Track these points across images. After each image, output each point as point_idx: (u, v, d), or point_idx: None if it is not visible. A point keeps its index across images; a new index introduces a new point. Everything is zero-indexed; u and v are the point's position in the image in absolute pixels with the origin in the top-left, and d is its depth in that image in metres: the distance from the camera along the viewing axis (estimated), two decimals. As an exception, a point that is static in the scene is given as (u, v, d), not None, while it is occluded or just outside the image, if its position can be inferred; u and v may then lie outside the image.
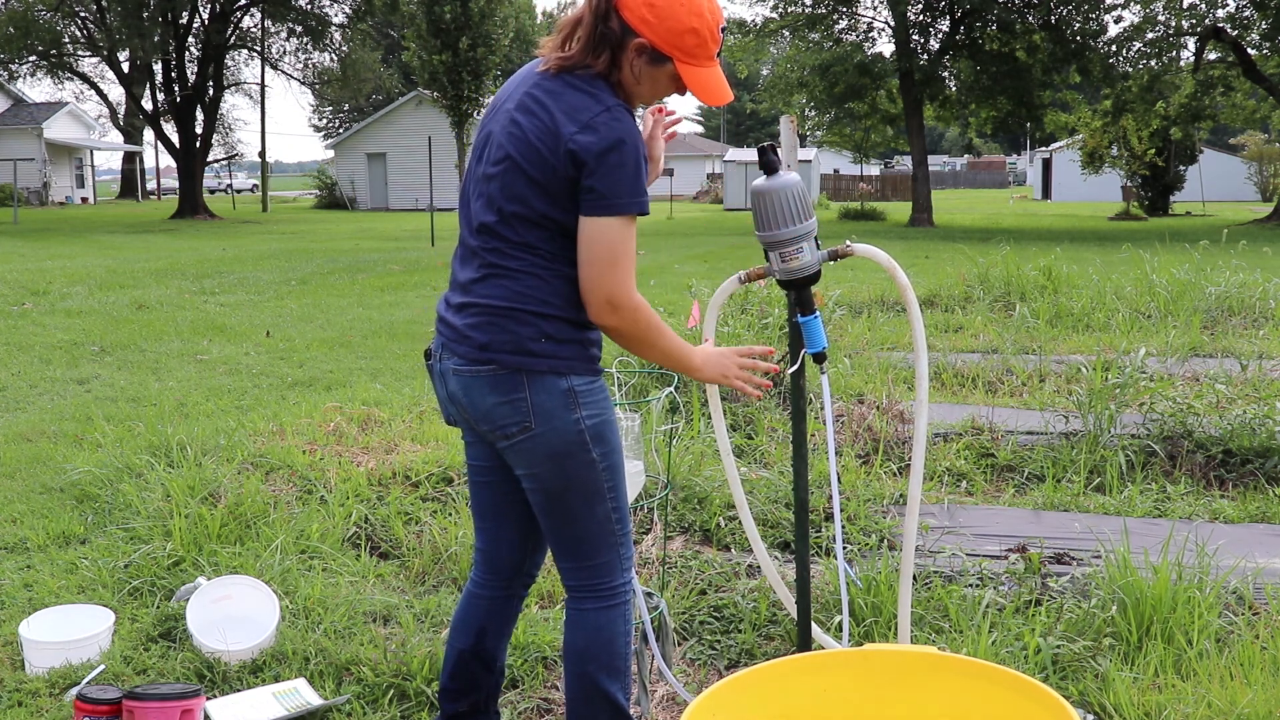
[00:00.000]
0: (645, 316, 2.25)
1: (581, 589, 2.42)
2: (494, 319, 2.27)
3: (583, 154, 2.17)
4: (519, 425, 2.28)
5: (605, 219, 2.18)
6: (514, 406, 2.27)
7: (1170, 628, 3.14)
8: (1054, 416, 5.61)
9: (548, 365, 2.26)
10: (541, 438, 2.28)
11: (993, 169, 78.39)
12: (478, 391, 2.30)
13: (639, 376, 6.00)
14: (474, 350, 2.28)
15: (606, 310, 2.21)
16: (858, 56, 29.43)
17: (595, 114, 2.19)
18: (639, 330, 2.25)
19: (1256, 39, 27.17)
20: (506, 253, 2.27)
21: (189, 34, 34.92)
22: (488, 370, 2.27)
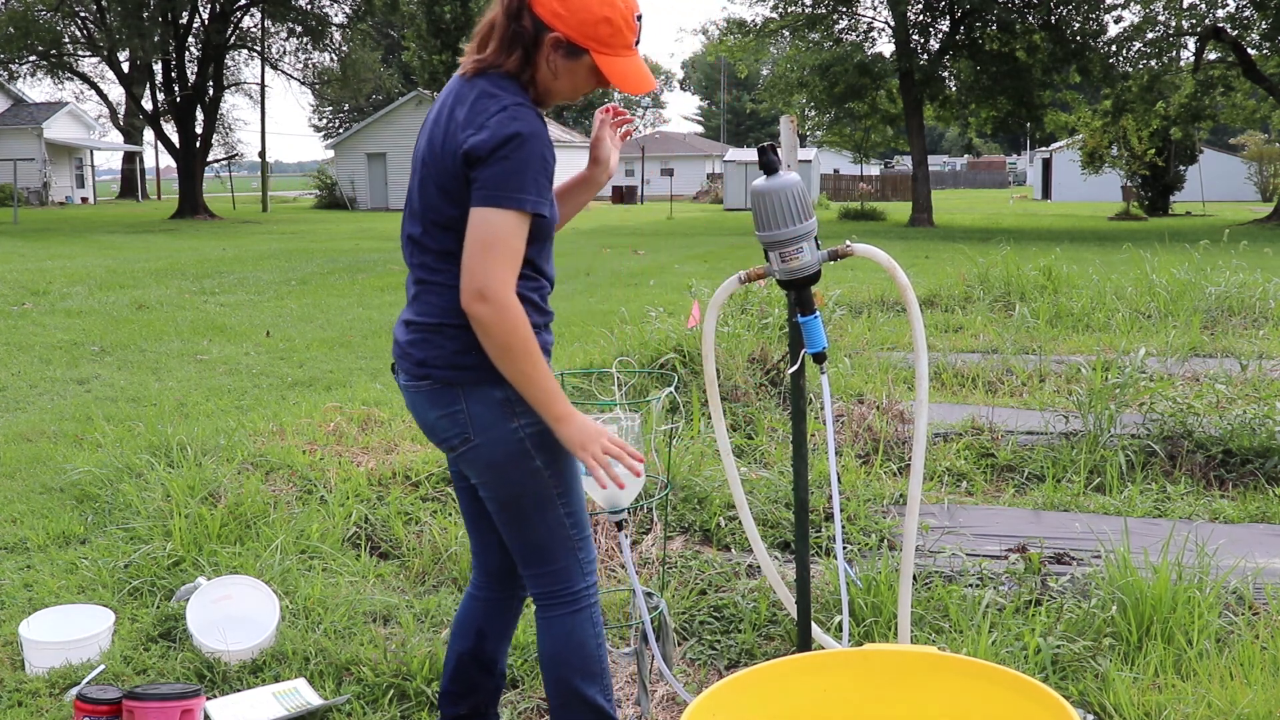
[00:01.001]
0: (514, 319, 2.16)
1: (546, 595, 2.43)
2: (427, 335, 2.29)
3: (474, 152, 2.16)
4: (460, 437, 2.30)
5: (485, 209, 2.15)
6: (453, 419, 2.29)
7: (1170, 628, 3.14)
8: (1054, 416, 5.61)
9: (480, 377, 2.25)
10: (482, 449, 2.29)
11: (993, 169, 78.40)
12: (421, 406, 2.34)
13: (639, 377, 6.00)
14: (413, 366, 2.31)
15: (475, 299, 2.15)
16: (858, 56, 29.43)
17: (491, 114, 2.18)
18: (504, 330, 2.16)
19: (1256, 39, 27.17)
20: (432, 266, 2.28)
21: (189, 34, 34.90)
22: (426, 385, 2.30)
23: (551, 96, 2.32)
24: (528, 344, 2.18)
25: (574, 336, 8.96)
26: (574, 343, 8.50)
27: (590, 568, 2.45)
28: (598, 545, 4.06)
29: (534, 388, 2.22)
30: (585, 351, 7.54)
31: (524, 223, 2.18)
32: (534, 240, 2.25)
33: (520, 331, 2.17)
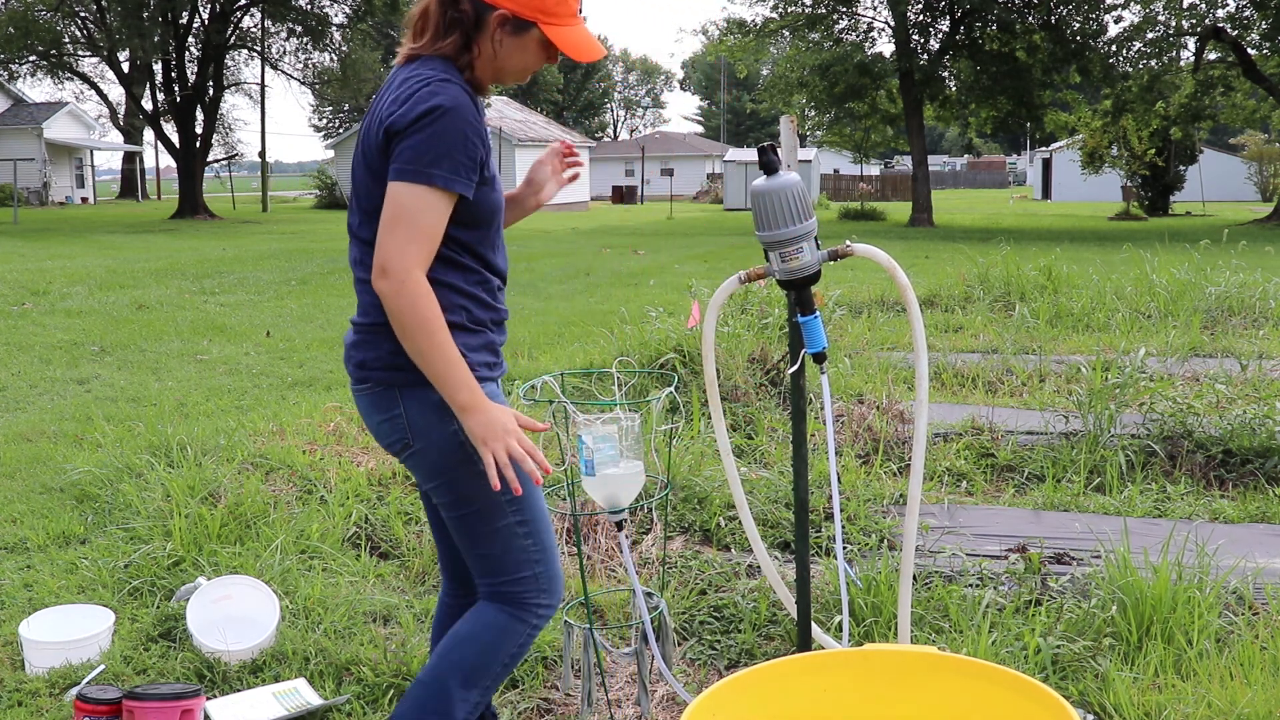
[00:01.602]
0: (413, 295, 2.05)
1: (497, 594, 2.30)
2: (367, 335, 2.22)
3: (393, 126, 2.09)
4: (401, 442, 2.23)
5: (396, 184, 2.07)
6: (393, 424, 2.22)
7: (1170, 628, 3.14)
8: (1054, 416, 5.61)
9: (415, 378, 2.15)
10: (423, 454, 2.22)
11: (993, 169, 78.40)
12: (365, 410, 2.27)
13: (639, 377, 6.00)
14: (355, 369, 2.25)
15: (378, 275, 2.07)
16: (858, 56, 29.44)
17: (414, 90, 2.10)
18: (400, 307, 2.05)
19: (1256, 39, 27.17)
20: (366, 261, 2.18)
21: (189, 34, 34.90)
22: (367, 388, 2.23)
23: (501, 77, 2.24)
24: (428, 323, 2.07)
25: (574, 336, 8.96)
26: (574, 343, 8.50)
27: (550, 585, 2.32)
28: (597, 545, 4.06)
29: (433, 370, 2.10)
30: (585, 351, 7.54)
31: (439, 200, 2.08)
32: (470, 225, 2.18)
33: (420, 309, 2.06)
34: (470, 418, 2.12)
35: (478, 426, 2.12)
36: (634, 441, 2.60)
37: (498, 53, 2.21)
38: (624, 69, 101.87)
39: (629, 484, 2.59)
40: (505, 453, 2.12)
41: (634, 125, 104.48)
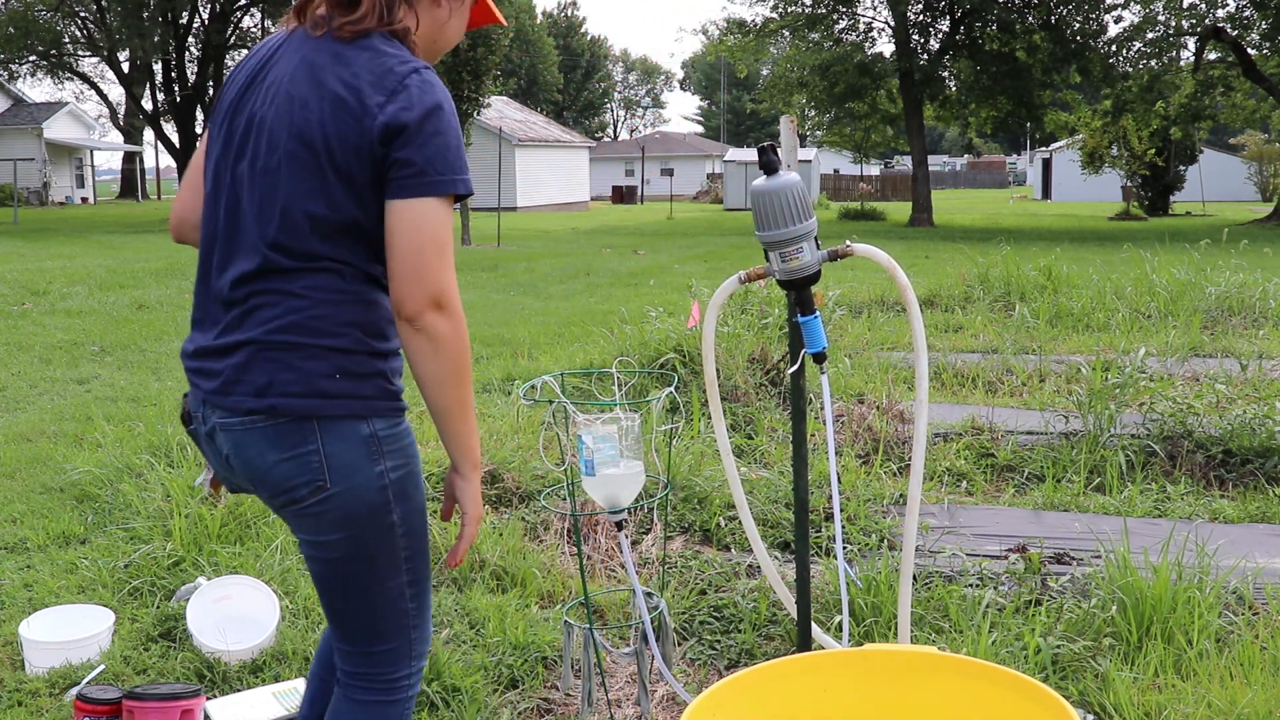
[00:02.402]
0: (466, 333, 1.84)
1: (360, 676, 2.01)
2: (275, 354, 1.83)
3: (396, 125, 1.78)
4: (310, 486, 1.84)
5: (428, 200, 1.79)
6: (301, 463, 1.83)
7: (1170, 628, 3.14)
8: (1054, 416, 5.61)
9: (346, 408, 1.84)
10: (338, 499, 1.85)
11: (993, 169, 78.41)
12: (254, 448, 1.85)
13: (639, 377, 6.00)
14: (249, 397, 1.83)
15: (431, 310, 1.78)
16: (858, 56, 29.46)
17: (403, 77, 1.82)
18: (461, 346, 1.82)
19: (1256, 39, 27.18)
20: (289, 270, 1.83)
21: (189, 34, 34.94)
22: (263, 420, 1.82)
23: (439, 48, 2.02)
24: (469, 365, 1.85)
25: (574, 336, 8.96)
26: (574, 343, 8.50)
27: (421, 649, 2.05)
28: (597, 545, 4.06)
29: (471, 422, 1.88)
30: (585, 351, 7.55)
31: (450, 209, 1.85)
32: None
33: (469, 348, 1.84)
34: (476, 476, 1.92)
35: (475, 491, 1.93)
36: (634, 441, 2.60)
37: (444, 24, 1.99)
38: (624, 69, 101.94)
39: (629, 484, 2.59)
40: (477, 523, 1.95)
41: (634, 125, 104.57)
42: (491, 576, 3.78)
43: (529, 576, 3.75)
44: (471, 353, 1.88)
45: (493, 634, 3.32)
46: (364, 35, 1.86)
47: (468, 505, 1.94)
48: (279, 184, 1.83)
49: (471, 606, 3.51)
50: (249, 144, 1.87)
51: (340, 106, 1.81)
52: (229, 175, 1.90)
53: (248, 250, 1.86)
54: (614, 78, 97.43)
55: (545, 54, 75.14)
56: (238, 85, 1.94)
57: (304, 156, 1.82)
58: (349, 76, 1.82)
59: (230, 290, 1.86)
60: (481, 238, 22.94)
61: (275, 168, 1.84)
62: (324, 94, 1.82)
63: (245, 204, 1.87)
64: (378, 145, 1.79)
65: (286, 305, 1.83)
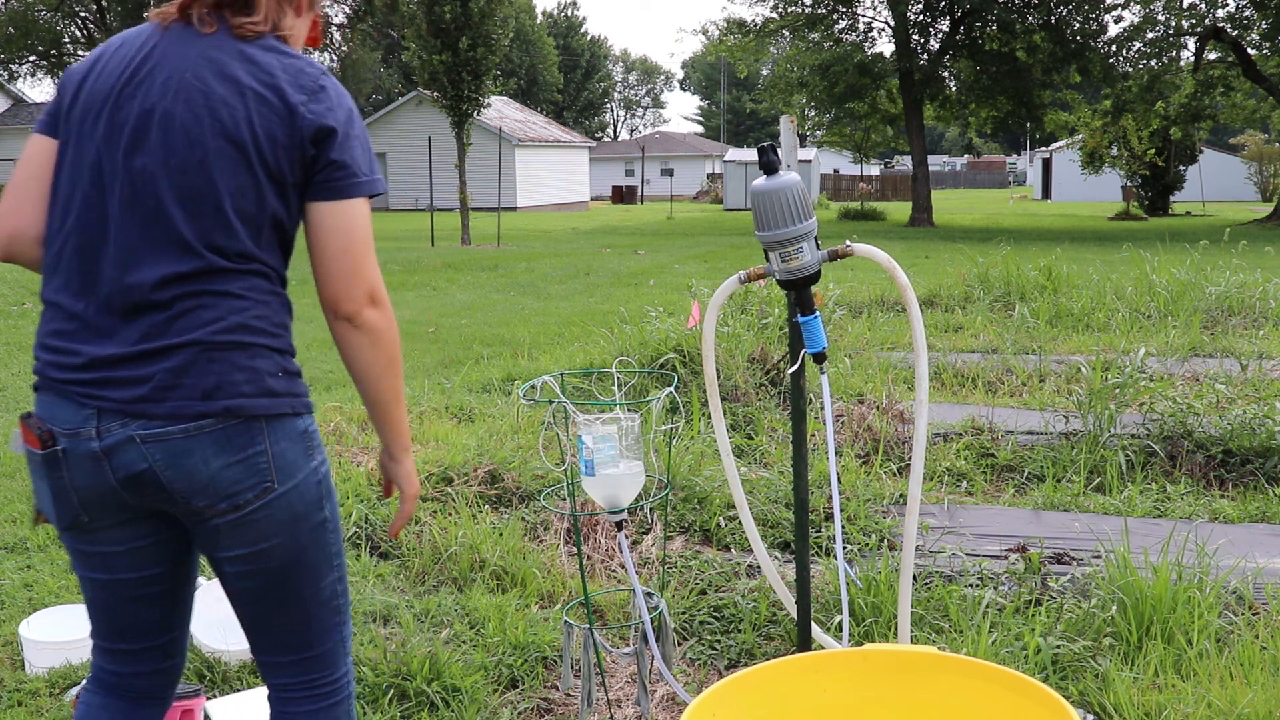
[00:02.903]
0: (395, 321, 1.89)
1: (301, 686, 1.98)
2: (221, 354, 1.79)
3: (326, 126, 1.82)
4: (257, 489, 1.81)
5: (357, 200, 1.84)
6: (249, 465, 1.79)
7: (1170, 628, 3.14)
8: (1054, 416, 5.61)
9: (289, 405, 1.84)
10: (284, 499, 1.83)
11: (993, 169, 78.40)
12: (197, 455, 1.77)
13: (639, 377, 6.00)
14: (194, 401, 1.76)
15: (367, 305, 1.83)
16: (858, 56, 29.47)
17: (317, 78, 1.85)
18: (394, 337, 1.87)
19: (1256, 39, 27.18)
20: (227, 271, 1.81)
21: (189, 34, 34.91)
22: (212, 424, 1.77)
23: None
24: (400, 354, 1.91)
25: (574, 336, 8.96)
26: (574, 343, 8.50)
27: (350, 644, 2.05)
28: (597, 545, 4.07)
29: (404, 408, 1.95)
30: (585, 351, 7.55)
31: None
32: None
33: (399, 339, 1.90)
34: (409, 457, 1.98)
35: (411, 470, 1.98)
36: (634, 441, 2.60)
37: (300, 30, 1.98)
38: (624, 69, 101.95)
39: (629, 484, 2.59)
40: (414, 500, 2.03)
41: (634, 125, 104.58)
42: (491, 576, 3.78)
43: (529, 576, 3.75)
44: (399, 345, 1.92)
45: (493, 634, 3.32)
46: (260, 36, 1.86)
47: (405, 484, 2.01)
48: (209, 182, 1.79)
49: (471, 606, 3.51)
50: (147, 138, 1.79)
51: (265, 105, 1.80)
52: (120, 171, 1.79)
53: (173, 250, 1.79)
54: (614, 78, 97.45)
55: (545, 54, 75.16)
56: (111, 79, 1.83)
57: (232, 154, 1.79)
58: (264, 75, 1.81)
59: (152, 292, 1.78)
60: (481, 238, 22.94)
61: (199, 165, 1.79)
62: (244, 91, 1.80)
63: (166, 202, 1.79)
64: (309, 145, 1.81)
65: (228, 306, 1.80)
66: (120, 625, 1.98)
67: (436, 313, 11.05)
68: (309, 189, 1.84)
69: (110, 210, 1.80)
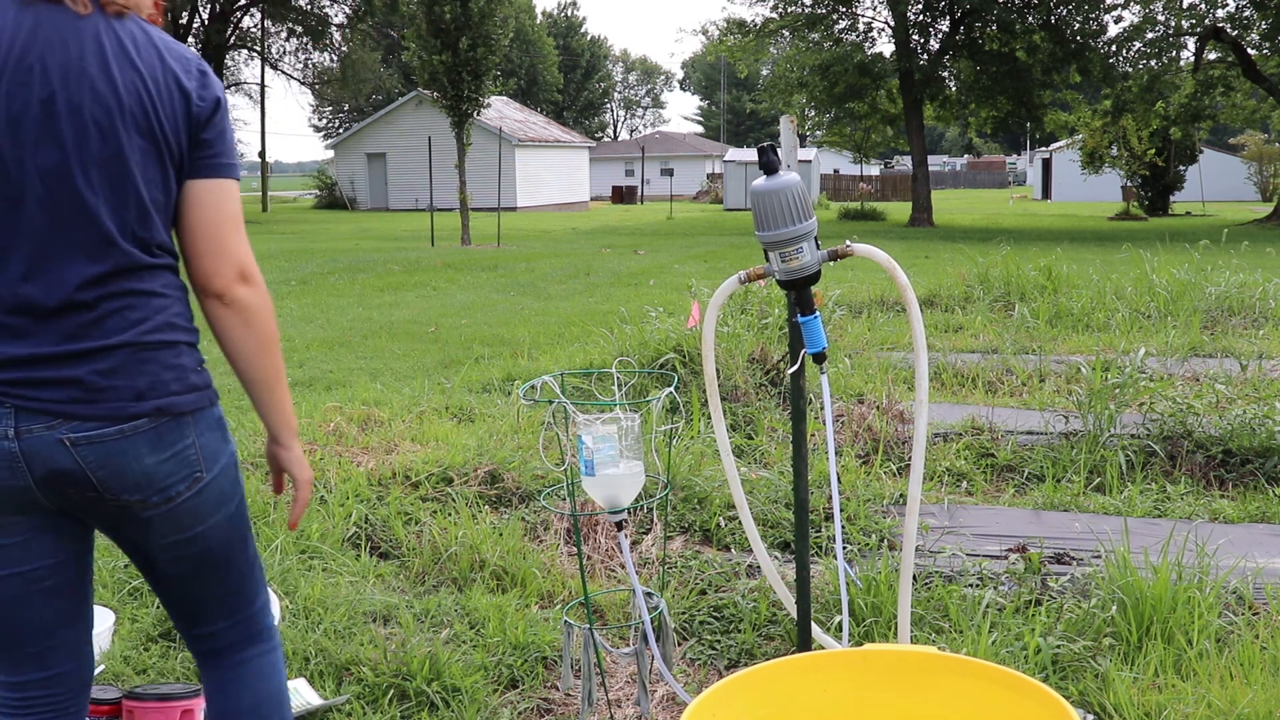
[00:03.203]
0: (269, 299, 1.91)
1: (246, 638, 2.07)
2: (150, 354, 1.81)
3: (209, 108, 1.85)
4: (189, 480, 1.85)
5: (230, 180, 1.87)
6: (181, 459, 1.84)
7: (1170, 628, 3.14)
8: (1054, 416, 5.61)
9: (207, 398, 1.89)
10: (213, 485, 1.89)
11: (993, 169, 78.41)
12: (131, 455, 1.79)
13: (639, 377, 6.00)
14: (129, 402, 1.78)
15: (239, 281, 1.84)
16: (858, 56, 29.48)
17: (197, 62, 1.88)
18: (268, 313, 1.88)
19: (1256, 39, 27.18)
20: (148, 267, 1.82)
21: (189, 34, 34.93)
22: (146, 424, 1.79)
23: None
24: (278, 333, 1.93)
25: (574, 336, 8.96)
26: (574, 343, 8.50)
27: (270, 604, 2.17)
28: (597, 545, 4.07)
29: (286, 388, 1.95)
30: (585, 351, 7.55)
31: None
32: None
33: (275, 317, 1.92)
34: (296, 443, 1.99)
35: (301, 456, 1.99)
36: (634, 441, 2.60)
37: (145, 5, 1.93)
38: (624, 69, 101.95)
39: (629, 484, 2.59)
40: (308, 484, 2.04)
41: (634, 125, 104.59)
42: (491, 576, 3.78)
43: (529, 576, 3.75)
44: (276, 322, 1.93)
45: (493, 634, 3.32)
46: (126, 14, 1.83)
47: (297, 471, 2.00)
48: (126, 173, 1.78)
49: (471, 606, 3.51)
50: (55, 132, 1.73)
51: (165, 92, 1.80)
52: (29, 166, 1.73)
53: (95, 246, 1.77)
54: (614, 78, 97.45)
55: (545, 54, 75.17)
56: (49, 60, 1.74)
57: (142, 144, 1.79)
58: (156, 60, 1.81)
59: (76, 292, 1.75)
60: (481, 238, 22.94)
61: (115, 156, 1.76)
62: (143, 79, 1.79)
63: (86, 196, 1.75)
64: (199, 128, 1.83)
65: (153, 305, 1.82)
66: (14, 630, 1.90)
67: (436, 313, 11.05)
68: (190, 167, 1.85)
69: (23, 207, 1.74)
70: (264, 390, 1.93)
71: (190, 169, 1.84)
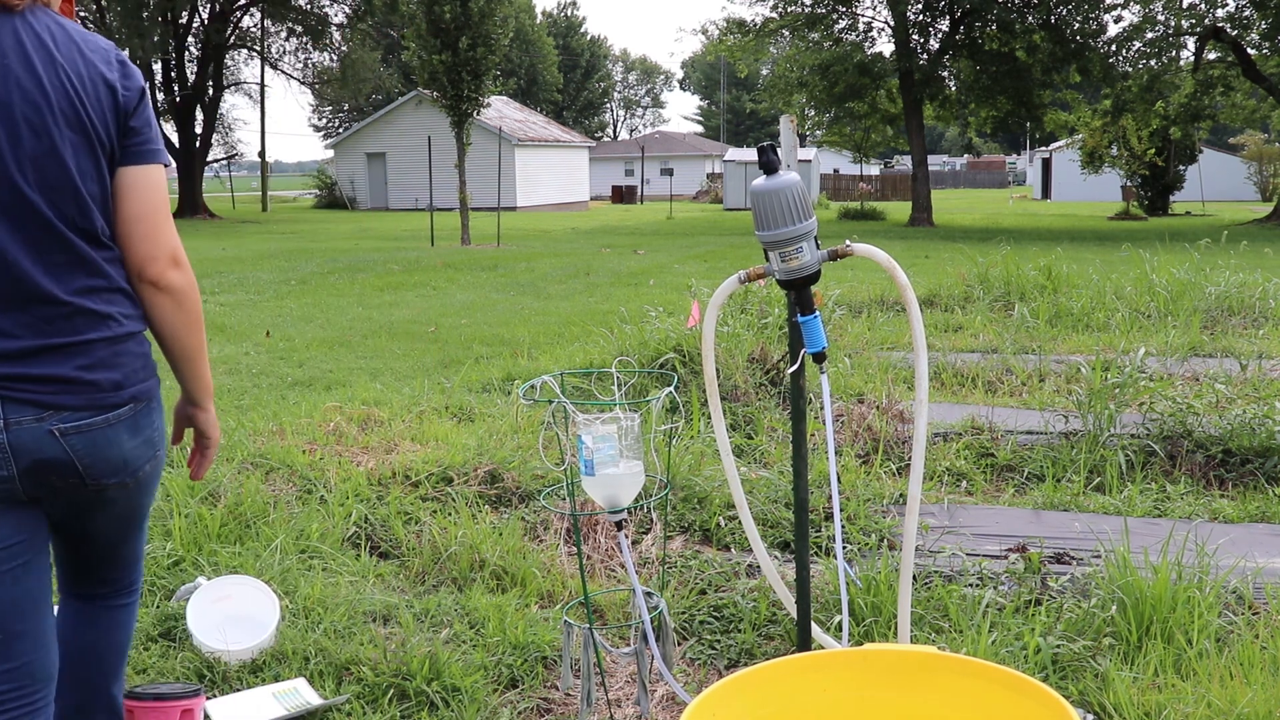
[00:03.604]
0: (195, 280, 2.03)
1: (120, 590, 2.26)
2: (120, 348, 1.93)
3: (135, 97, 1.92)
4: (151, 458, 2.03)
5: (157, 166, 1.95)
6: (149, 440, 2.01)
7: (1170, 627, 3.14)
8: (1054, 416, 5.61)
9: (157, 380, 2.05)
10: (160, 460, 2.09)
11: (993, 169, 78.39)
12: (114, 441, 1.93)
13: (639, 377, 6.00)
14: (109, 393, 1.90)
15: (171, 266, 1.93)
16: (858, 56, 29.47)
17: (115, 52, 1.95)
18: (196, 295, 2.00)
19: (1256, 39, 27.18)
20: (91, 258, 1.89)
21: (189, 34, 34.93)
22: (127, 412, 1.94)
23: None
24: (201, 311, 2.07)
25: (574, 336, 8.96)
26: (574, 342, 8.50)
27: None
28: (597, 545, 4.06)
29: (207, 360, 2.11)
30: (585, 351, 7.54)
31: None
32: None
33: (199, 297, 2.04)
34: (213, 405, 2.19)
35: (215, 418, 2.20)
36: (634, 441, 2.60)
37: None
38: (624, 69, 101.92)
39: (629, 484, 2.59)
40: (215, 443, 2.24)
41: (634, 125, 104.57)
42: (491, 576, 3.78)
43: (529, 576, 3.75)
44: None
45: (493, 634, 3.32)
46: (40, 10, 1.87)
47: (212, 431, 2.19)
48: (63, 169, 1.83)
49: (471, 606, 3.51)
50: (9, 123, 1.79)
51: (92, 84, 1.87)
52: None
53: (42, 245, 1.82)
54: (614, 78, 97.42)
55: (545, 54, 75.15)
56: None
57: (74, 138, 1.84)
58: (77, 54, 1.87)
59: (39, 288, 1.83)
60: (481, 238, 22.94)
61: (50, 153, 1.81)
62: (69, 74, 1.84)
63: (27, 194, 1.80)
64: (128, 116, 1.91)
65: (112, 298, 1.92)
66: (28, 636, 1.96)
67: (436, 312, 11.05)
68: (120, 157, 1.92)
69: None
70: (189, 363, 2.07)
71: (121, 157, 1.92)
